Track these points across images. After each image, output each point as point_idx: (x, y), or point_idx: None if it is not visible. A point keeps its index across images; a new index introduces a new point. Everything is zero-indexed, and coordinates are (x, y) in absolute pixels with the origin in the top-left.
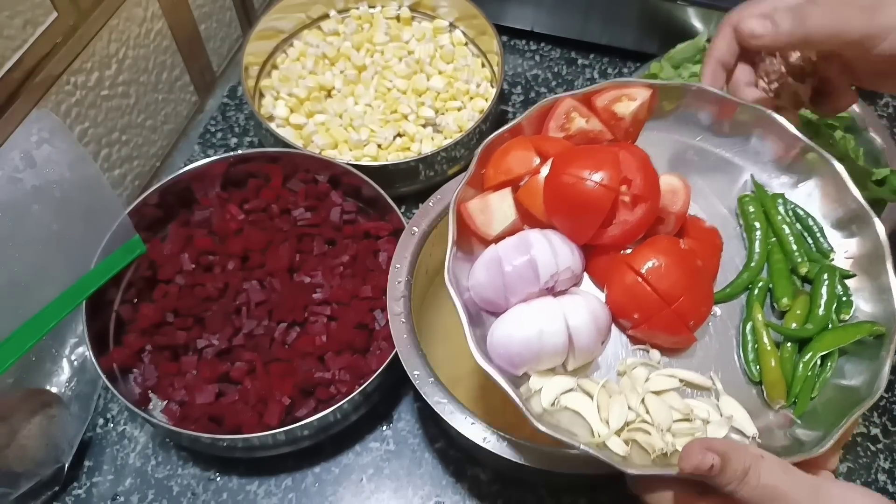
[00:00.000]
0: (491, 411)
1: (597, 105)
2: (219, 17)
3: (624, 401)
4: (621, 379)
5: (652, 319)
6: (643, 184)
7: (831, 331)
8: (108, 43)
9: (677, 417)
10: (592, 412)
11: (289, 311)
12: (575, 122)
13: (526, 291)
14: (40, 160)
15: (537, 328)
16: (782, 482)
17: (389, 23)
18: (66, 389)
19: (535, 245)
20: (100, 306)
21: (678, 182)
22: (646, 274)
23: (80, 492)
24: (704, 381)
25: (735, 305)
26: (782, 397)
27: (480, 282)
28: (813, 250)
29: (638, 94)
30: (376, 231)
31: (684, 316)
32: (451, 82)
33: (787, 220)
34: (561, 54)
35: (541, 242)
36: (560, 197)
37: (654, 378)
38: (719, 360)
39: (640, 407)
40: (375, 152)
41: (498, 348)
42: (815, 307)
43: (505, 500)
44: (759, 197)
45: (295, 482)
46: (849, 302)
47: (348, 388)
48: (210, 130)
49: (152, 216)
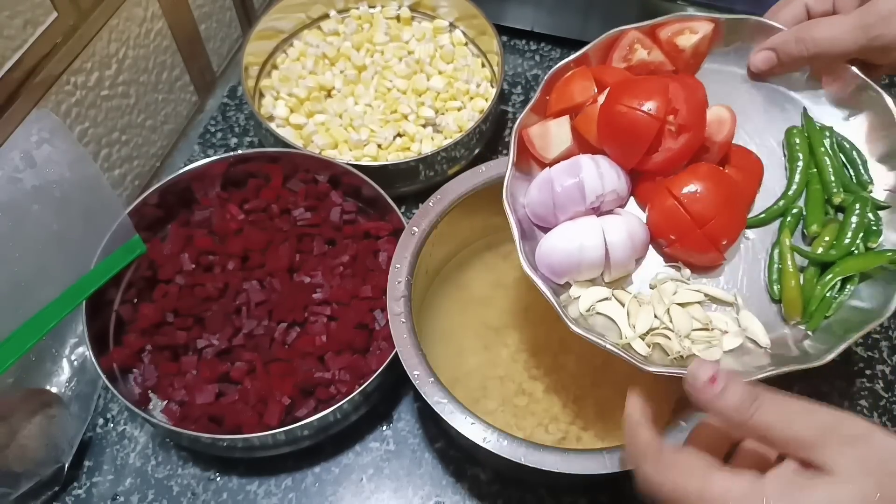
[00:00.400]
0: (489, 413)
1: (660, 37)
2: (219, 17)
3: (651, 310)
4: (652, 291)
5: (684, 239)
6: (688, 114)
7: (854, 256)
8: (109, 43)
9: (697, 326)
10: (622, 318)
11: (289, 311)
12: (637, 53)
13: (573, 210)
14: (40, 160)
15: (578, 242)
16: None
17: (389, 23)
18: (66, 389)
19: (584, 168)
20: (100, 306)
21: (725, 113)
22: (682, 198)
23: (80, 492)
24: (727, 297)
25: (769, 230)
26: (798, 315)
27: (533, 200)
28: (853, 182)
29: (700, 28)
30: (376, 231)
31: (715, 237)
32: (451, 82)
33: (831, 152)
34: (561, 54)
35: (589, 166)
36: (611, 124)
37: (680, 291)
38: (746, 280)
39: (664, 316)
40: (375, 152)
41: (543, 259)
42: (843, 235)
43: (505, 500)
44: (808, 129)
45: (295, 482)
46: (878, 231)
47: (348, 388)
48: (210, 130)
49: (152, 216)
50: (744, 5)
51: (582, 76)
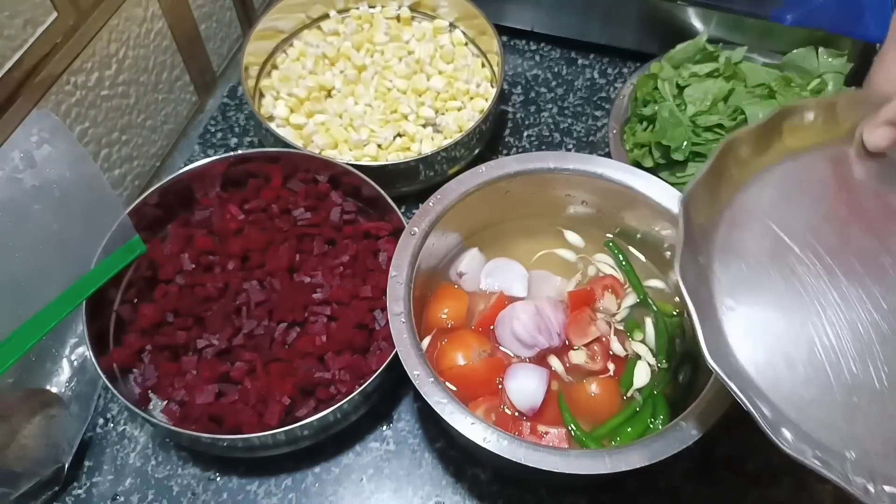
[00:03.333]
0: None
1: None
2: (219, 17)
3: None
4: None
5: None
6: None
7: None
8: (108, 43)
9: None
10: None
11: (289, 311)
12: None
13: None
14: (40, 160)
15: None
16: None
17: (389, 23)
18: (66, 389)
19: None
20: (100, 306)
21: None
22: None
23: (80, 492)
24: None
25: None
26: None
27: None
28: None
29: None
30: (376, 231)
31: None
32: (451, 82)
33: None
34: (561, 54)
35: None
36: None
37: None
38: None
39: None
40: (375, 152)
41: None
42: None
43: (505, 499)
44: None
45: (295, 482)
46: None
47: (348, 388)
48: (210, 130)
49: (152, 216)
50: (744, 5)
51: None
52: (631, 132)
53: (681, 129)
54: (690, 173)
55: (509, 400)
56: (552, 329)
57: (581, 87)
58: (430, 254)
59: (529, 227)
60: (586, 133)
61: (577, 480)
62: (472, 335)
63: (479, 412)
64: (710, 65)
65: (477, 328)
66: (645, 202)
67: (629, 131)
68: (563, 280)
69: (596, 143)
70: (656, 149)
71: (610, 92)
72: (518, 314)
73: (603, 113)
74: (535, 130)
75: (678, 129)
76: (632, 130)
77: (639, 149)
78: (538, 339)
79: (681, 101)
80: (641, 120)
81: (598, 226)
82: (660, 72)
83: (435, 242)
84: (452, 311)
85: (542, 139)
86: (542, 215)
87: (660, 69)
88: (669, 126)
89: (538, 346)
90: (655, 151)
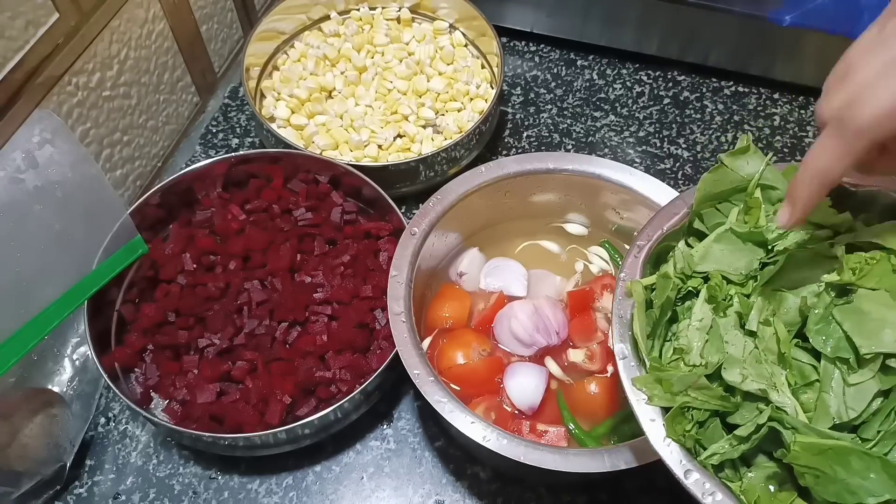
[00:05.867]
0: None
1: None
2: (220, 19)
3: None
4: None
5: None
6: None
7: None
8: (110, 44)
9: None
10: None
11: (290, 310)
12: None
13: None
14: (42, 161)
15: None
16: None
17: (390, 24)
18: (68, 389)
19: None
20: (101, 306)
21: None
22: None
23: (82, 491)
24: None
25: None
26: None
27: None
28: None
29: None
30: (377, 231)
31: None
32: (451, 83)
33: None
34: (560, 55)
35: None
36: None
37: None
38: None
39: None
40: (376, 153)
41: None
42: None
43: (505, 498)
44: None
45: (296, 481)
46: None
47: (349, 387)
48: (211, 131)
49: (154, 216)
50: (744, 5)
51: None
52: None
53: None
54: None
55: (509, 398)
56: (551, 328)
57: (580, 88)
58: (430, 254)
59: (529, 227)
60: (585, 134)
61: (577, 479)
62: (472, 334)
63: (478, 411)
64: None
65: (477, 327)
66: (643, 202)
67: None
68: (563, 280)
69: (595, 144)
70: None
71: (609, 92)
72: (516, 313)
73: (602, 114)
74: (535, 131)
75: None
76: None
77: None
78: (537, 338)
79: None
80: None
81: (596, 225)
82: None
83: (435, 242)
84: (454, 311)
85: (542, 140)
86: (541, 215)
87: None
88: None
89: (537, 344)
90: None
